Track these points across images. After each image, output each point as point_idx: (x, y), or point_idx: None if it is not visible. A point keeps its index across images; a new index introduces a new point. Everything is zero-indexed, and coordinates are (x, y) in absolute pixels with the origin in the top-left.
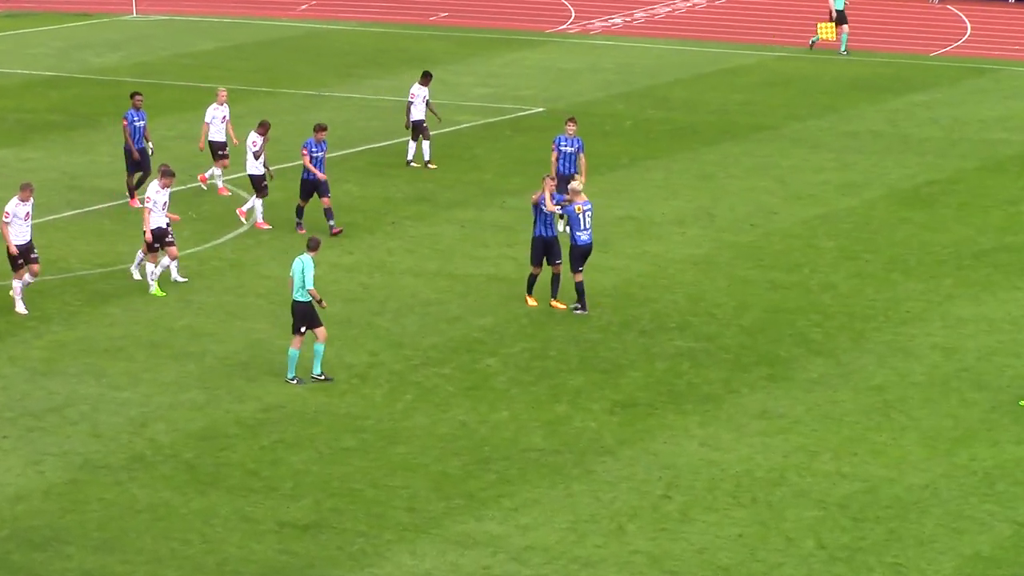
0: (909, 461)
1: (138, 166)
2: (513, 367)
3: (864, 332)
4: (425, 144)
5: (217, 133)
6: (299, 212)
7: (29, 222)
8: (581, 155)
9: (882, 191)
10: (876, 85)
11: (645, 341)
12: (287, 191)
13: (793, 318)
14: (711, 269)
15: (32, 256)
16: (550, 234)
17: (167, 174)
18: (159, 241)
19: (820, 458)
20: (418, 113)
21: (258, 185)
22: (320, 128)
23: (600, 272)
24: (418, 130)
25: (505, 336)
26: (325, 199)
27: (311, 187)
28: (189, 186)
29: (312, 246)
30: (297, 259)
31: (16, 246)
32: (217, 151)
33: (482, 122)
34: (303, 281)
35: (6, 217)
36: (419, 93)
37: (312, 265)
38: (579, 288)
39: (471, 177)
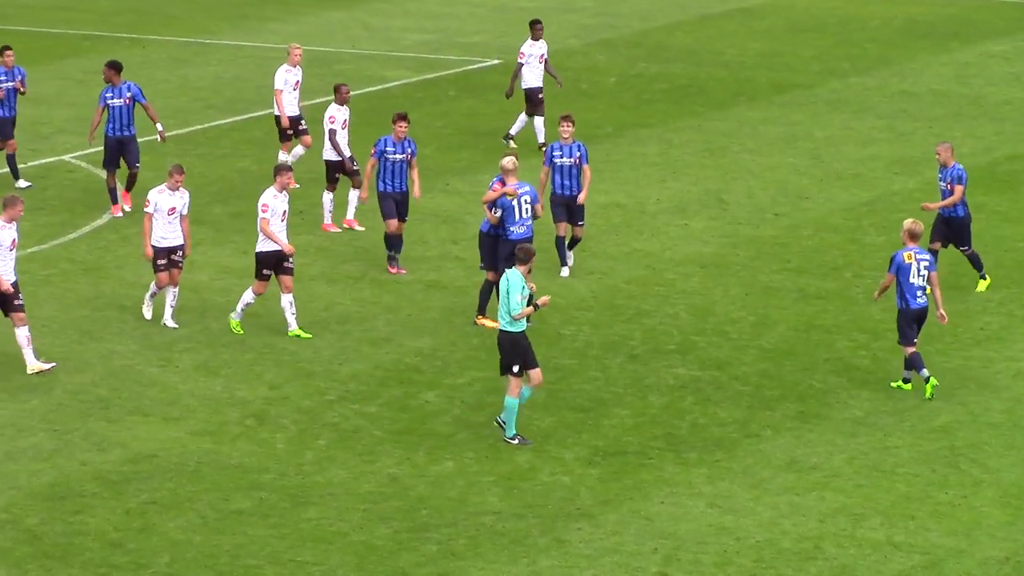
0: (984, 527)
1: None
2: (460, 404)
3: (924, 356)
4: (538, 121)
5: (291, 104)
6: (391, 243)
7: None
8: (585, 167)
9: None
10: (939, 31)
11: (636, 369)
12: (210, 178)
13: (831, 338)
14: (722, 273)
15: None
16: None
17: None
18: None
19: (867, 523)
20: (533, 78)
21: (332, 175)
22: (400, 118)
23: (575, 277)
24: (533, 101)
25: (449, 363)
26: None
27: (394, 202)
28: (37, 163)
29: (523, 257)
30: (503, 277)
31: None
32: (295, 125)
33: (417, 79)
34: (507, 306)
35: None
36: (532, 51)
37: (520, 283)
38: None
39: None
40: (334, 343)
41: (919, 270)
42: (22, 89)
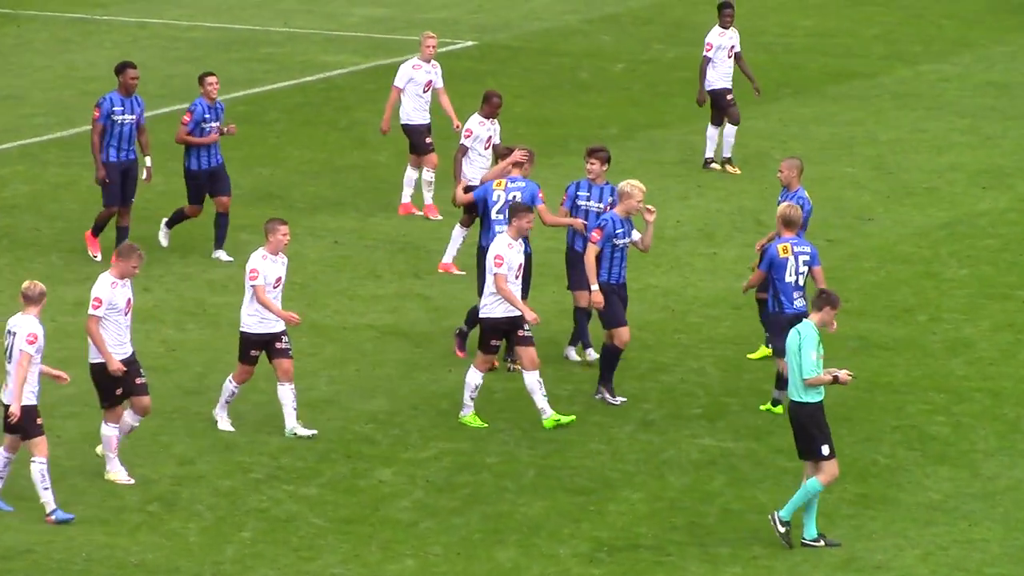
0: None
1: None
2: (423, 484)
3: (1022, 423)
4: (729, 131)
5: (418, 110)
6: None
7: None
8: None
9: None
10: None
11: (650, 439)
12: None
13: (901, 400)
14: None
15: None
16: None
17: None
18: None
19: None
20: (720, 77)
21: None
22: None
23: (572, 320)
24: (720, 106)
25: (410, 431)
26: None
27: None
28: None
29: (830, 301)
30: (792, 329)
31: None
32: (421, 138)
33: (367, 66)
34: (799, 368)
35: None
36: (721, 42)
37: (816, 338)
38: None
39: (351, 158)
40: (262, 407)
41: (797, 266)
42: (225, 129)
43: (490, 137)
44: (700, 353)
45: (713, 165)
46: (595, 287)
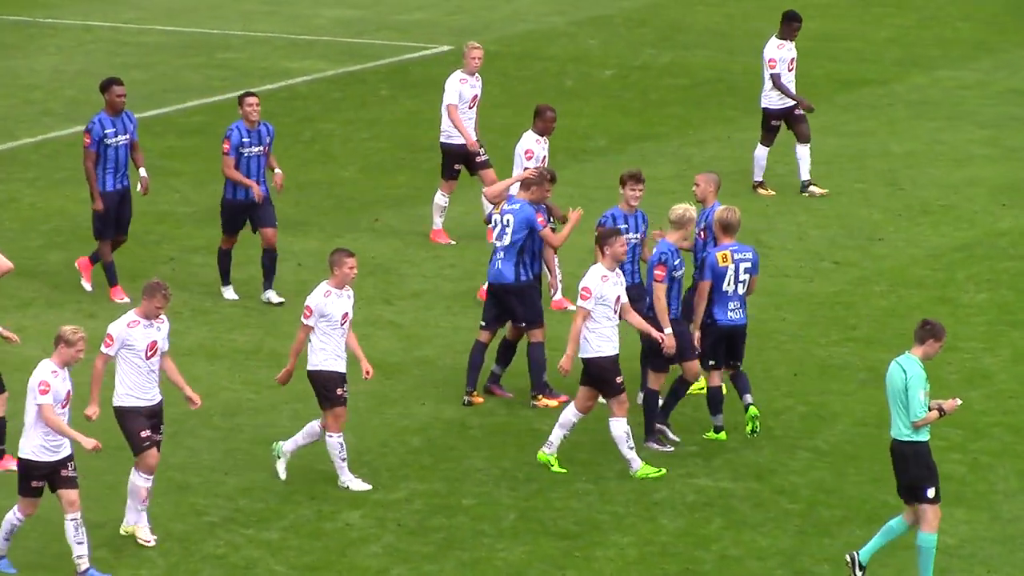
0: None
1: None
2: (394, 528)
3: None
4: (802, 152)
5: (468, 127)
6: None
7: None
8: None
9: None
10: None
11: (641, 479)
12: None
13: None
14: (763, 345)
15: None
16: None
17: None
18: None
19: None
20: (779, 95)
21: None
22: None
23: (558, 349)
24: (769, 127)
25: (379, 470)
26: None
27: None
28: None
29: (934, 334)
30: (894, 363)
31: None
32: (457, 161)
33: (335, 72)
34: (904, 403)
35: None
36: (784, 55)
37: (921, 377)
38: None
39: (315, 174)
40: (218, 443)
41: (737, 274)
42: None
43: (544, 157)
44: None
45: (812, 188)
46: (668, 331)
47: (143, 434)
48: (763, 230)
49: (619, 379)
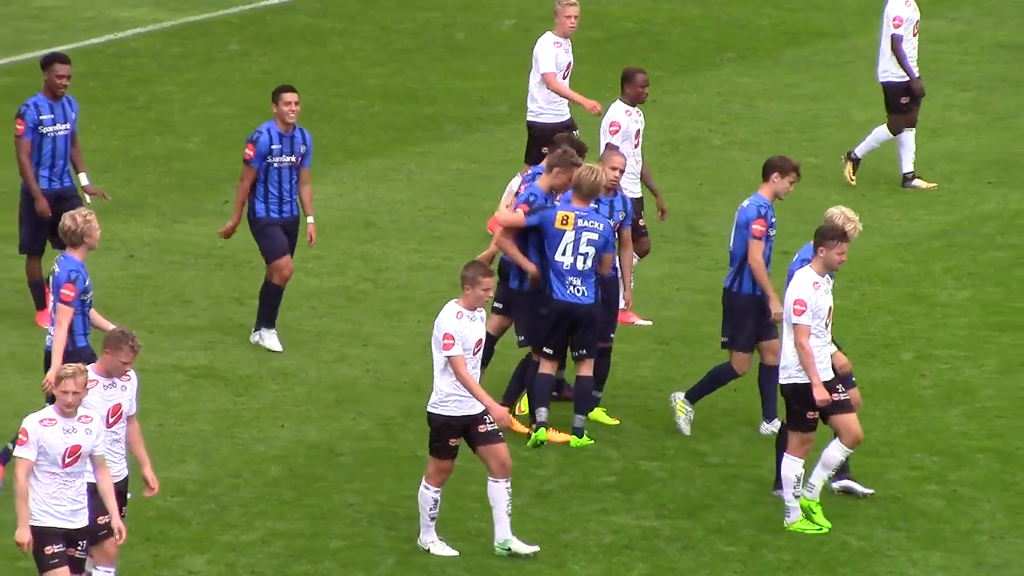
0: None
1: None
2: None
3: None
4: (906, 140)
5: (554, 101)
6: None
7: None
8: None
9: None
10: None
11: (547, 515)
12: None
13: (880, 464)
14: (696, 353)
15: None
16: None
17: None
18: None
19: None
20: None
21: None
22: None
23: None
24: (899, 102)
25: (228, 506)
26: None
27: None
28: None
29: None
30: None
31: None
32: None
33: (174, 23)
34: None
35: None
36: (908, 14)
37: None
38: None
39: (151, 146)
40: None
41: (577, 243)
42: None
43: (639, 131)
44: (615, 402)
45: (917, 182)
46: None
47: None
48: (696, 214)
49: (811, 414)
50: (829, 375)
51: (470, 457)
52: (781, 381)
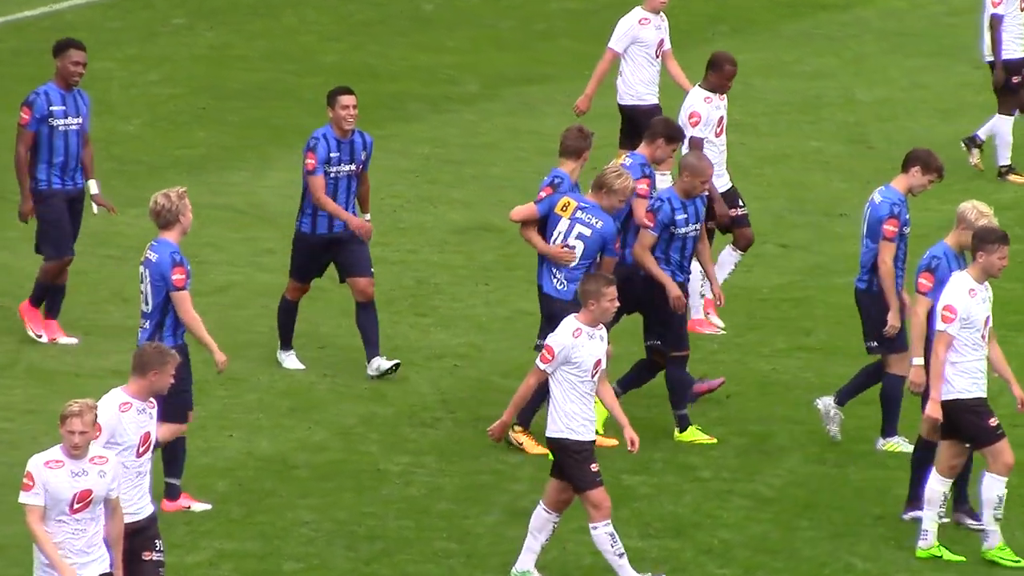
0: None
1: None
2: None
3: None
4: (1002, 125)
5: (653, 83)
6: None
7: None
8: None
9: None
10: None
11: (520, 535)
12: None
13: (886, 477)
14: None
15: None
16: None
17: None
18: None
19: None
20: (1013, 40)
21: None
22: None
23: (388, 381)
24: (1008, 86)
25: (175, 524)
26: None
27: None
28: None
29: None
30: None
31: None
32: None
33: None
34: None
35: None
36: None
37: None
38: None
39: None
40: None
41: (568, 233)
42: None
43: (722, 118)
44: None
45: (1012, 177)
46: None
47: None
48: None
49: (992, 421)
50: (983, 392)
51: (438, 473)
52: (944, 397)
